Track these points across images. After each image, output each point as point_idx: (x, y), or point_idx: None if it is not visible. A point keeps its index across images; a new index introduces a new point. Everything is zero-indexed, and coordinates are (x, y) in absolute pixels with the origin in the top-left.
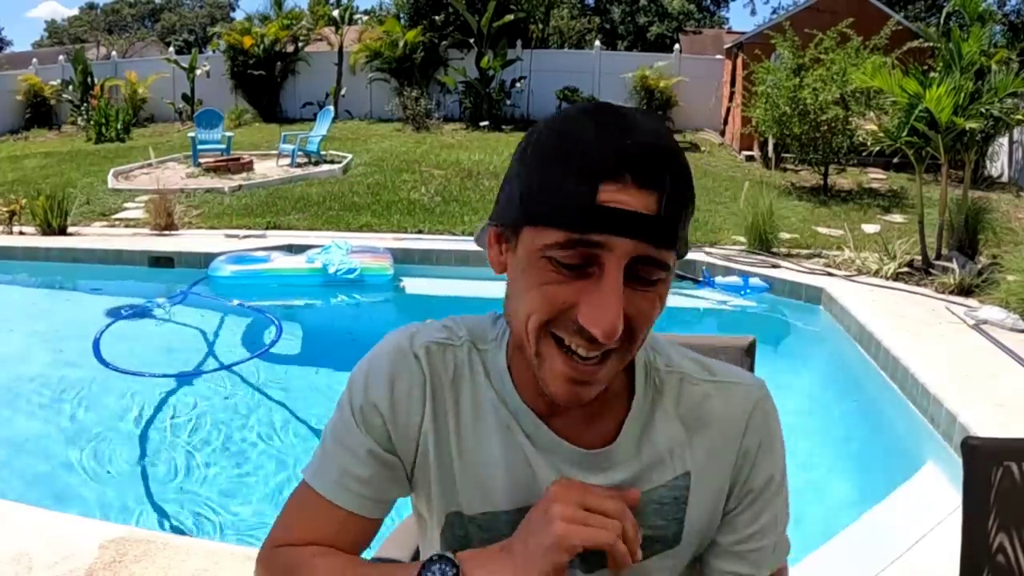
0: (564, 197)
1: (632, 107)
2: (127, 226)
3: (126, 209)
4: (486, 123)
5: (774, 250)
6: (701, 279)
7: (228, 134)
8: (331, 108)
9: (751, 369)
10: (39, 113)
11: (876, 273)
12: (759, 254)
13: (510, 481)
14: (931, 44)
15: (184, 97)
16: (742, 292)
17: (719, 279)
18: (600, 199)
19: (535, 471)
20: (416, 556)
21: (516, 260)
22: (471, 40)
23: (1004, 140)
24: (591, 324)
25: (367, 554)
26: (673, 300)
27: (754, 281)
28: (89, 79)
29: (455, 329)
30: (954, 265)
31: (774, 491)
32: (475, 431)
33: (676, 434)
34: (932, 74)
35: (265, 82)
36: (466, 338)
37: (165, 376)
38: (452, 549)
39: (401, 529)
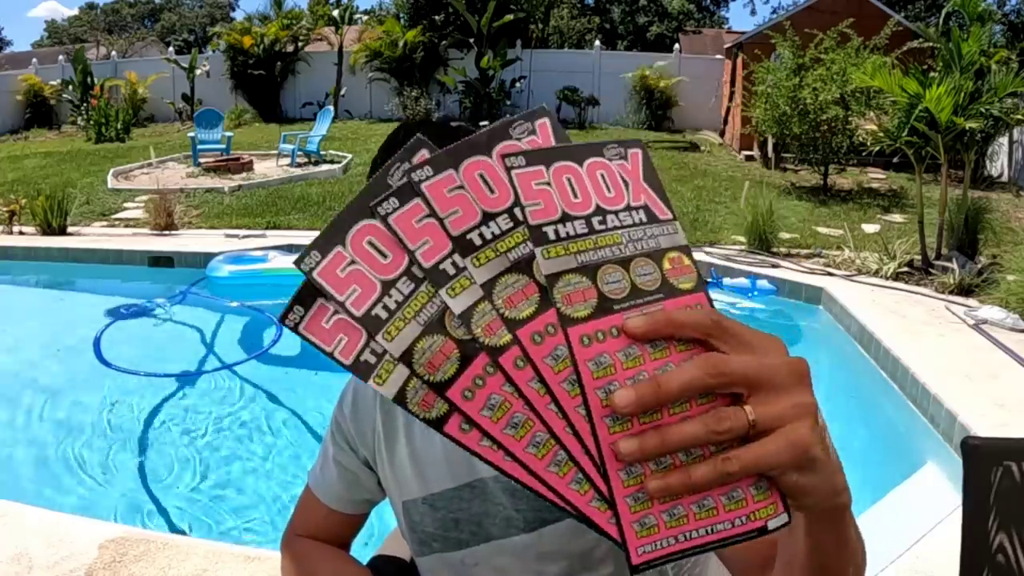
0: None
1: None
2: (127, 226)
3: (126, 209)
4: (486, 123)
5: (774, 250)
6: (710, 280)
7: (228, 134)
8: (331, 108)
9: None
10: (39, 113)
11: (876, 273)
12: (759, 254)
13: (450, 461)
14: (931, 44)
15: (184, 97)
16: (749, 294)
17: (727, 281)
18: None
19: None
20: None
21: None
22: (471, 40)
23: (1004, 140)
24: None
25: (370, 550)
26: None
27: (762, 283)
28: (89, 79)
29: None
30: (954, 265)
31: None
32: (419, 423)
33: None
34: (932, 74)
35: (265, 82)
36: None
37: (165, 376)
38: (413, 534)
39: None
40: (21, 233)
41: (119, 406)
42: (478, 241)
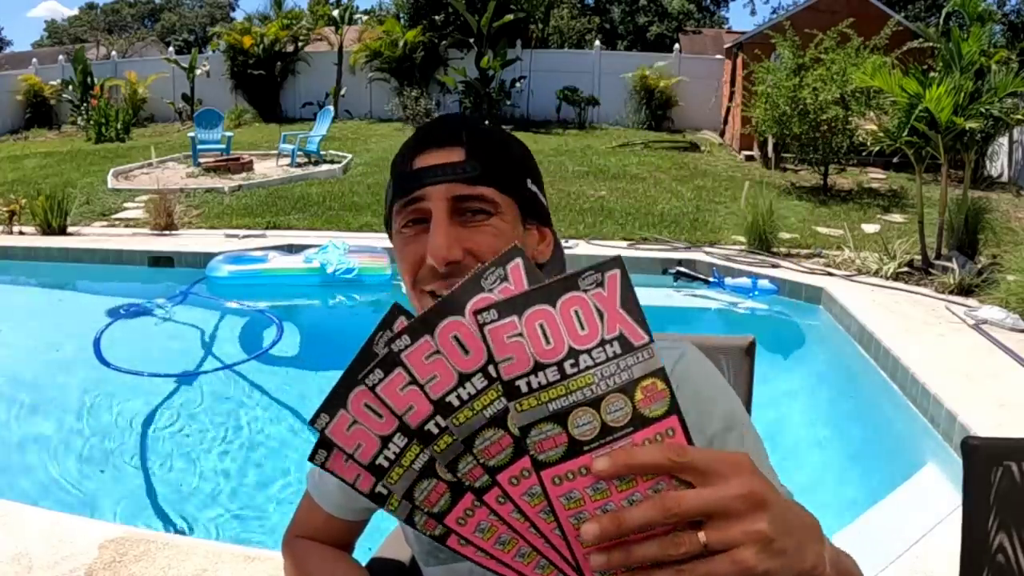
0: (395, 178)
1: None
2: (127, 226)
3: (126, 209)
4: (486, 123)
5: (774, 250)
6: (712, 280)
7: (228, 134)
8: (331, 108)
9: (751, 370)
10: (39, 113)
11: (876, 273)
12: (759, 254)
13: None
14: (931, 44)
15: (184, 97)
16: (751, 294)
17: (729, 281)
18: (418, 165)
19: None
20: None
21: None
22: (471, 40)
23: (1004, 140)
24: (430, 257)
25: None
26: (681, 300)
27: (763, 283)
28: (89, 79)
29: None
30: (954, 265)
31: (736, 436)
32: None
33: None
34: (932, 74)
35: (265, 82)
36: None
37: (165, 376)
38: (420, 545)
39: (400, 530)
40: (21, 233)
41: (119, 406)
42: (456, 403)
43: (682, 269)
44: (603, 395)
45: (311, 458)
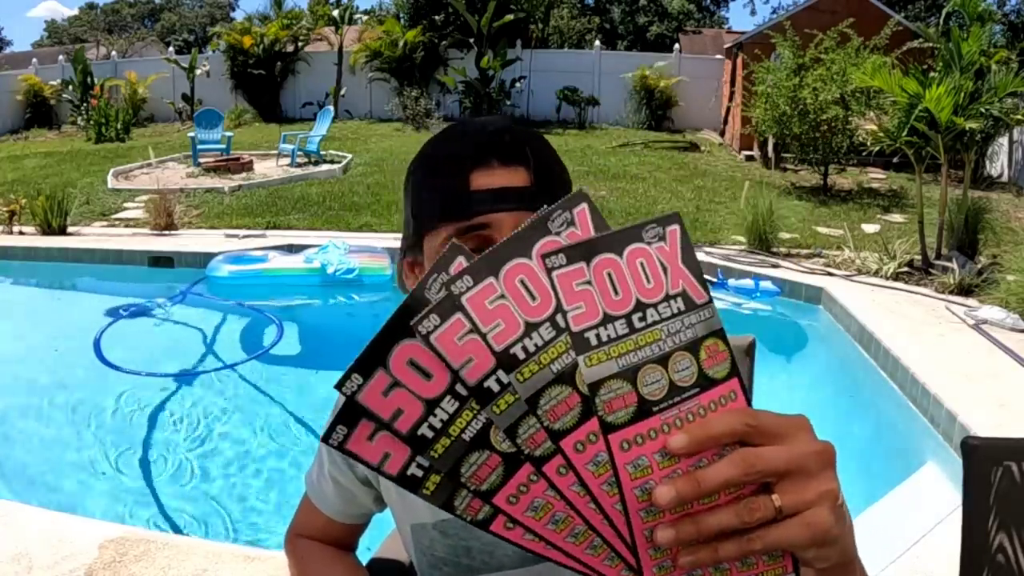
0: (444, 195)
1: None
2: (127, 226)
3: (126, 209)
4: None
5: (774, 250)
6: (715, 281)
7: (228, 134)
8: (331, 108)
9: (751, 370)
10: (39, 113)
11: (876, 273)
12: (759, 254)
13: None
14: (931, 44)
15: (184, 97)
16: (753, 295)
17: (732, 282)
18: (473, 186)
19: None
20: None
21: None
22: (471, 40)
23: (1004, 140)
24: None
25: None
26: None
27: (765, 284)
28: (89, 79)
29: None
30: (954, 265)
31: None
32: None
33: None
34: (932, 74)
35: (265, 82)
36: None
37: (165, 376)
38: (422, 556)
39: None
40: (21, 233)
41: (119, 406)
42: (522, 355)
43: None
44: (670, 352)
45: (325, 438)
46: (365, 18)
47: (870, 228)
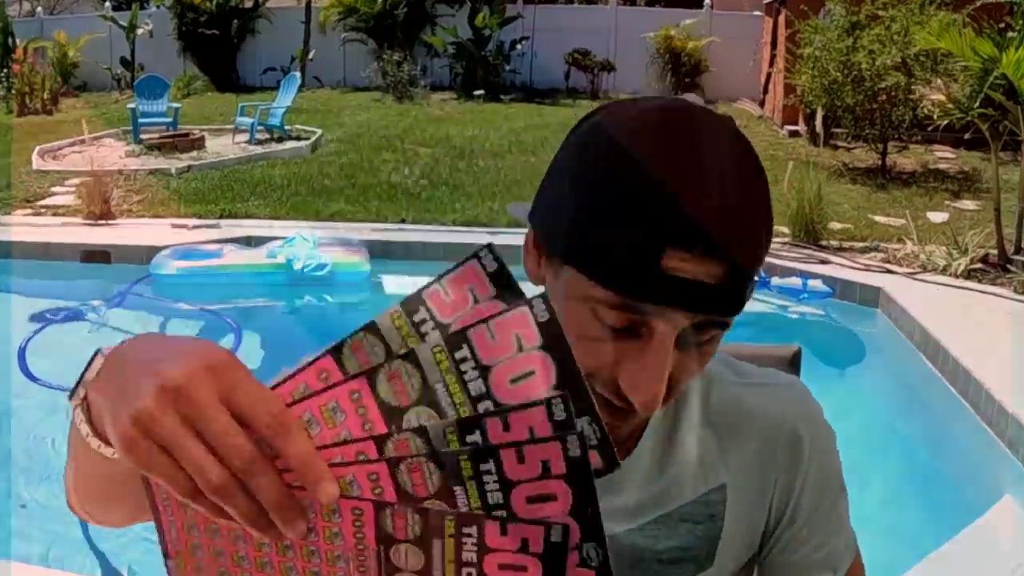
0: (622, 253)
1: (715, 119)
2: (55, 215)
3: (54, 194)
4: (481, 92)
5: (823, 243)
6: (757, 278)
7: (175, 105)
8: (297, 74)
9: None
10: None
11: (944, 270)
12: (806, 247)
13: None
14: None
15: (123, 61)
16: (800, 297)
17: (775, 280)
18: (664, 265)
19: None
20: None
21: (554, 287)
22: None
23: None
24: (631, 391)
25: None
26: None
27: (814, 284)
28: (9, 40)
29: None
30: None
31: (837, 491)
32: None
33: (706, 443)
34: (1010, 34)
35: (219, 43)
36: None
37: None
38: None
39: None
40: None
41: (46, 426)
42: None
43: None
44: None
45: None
46: None
47: (937, 217)
